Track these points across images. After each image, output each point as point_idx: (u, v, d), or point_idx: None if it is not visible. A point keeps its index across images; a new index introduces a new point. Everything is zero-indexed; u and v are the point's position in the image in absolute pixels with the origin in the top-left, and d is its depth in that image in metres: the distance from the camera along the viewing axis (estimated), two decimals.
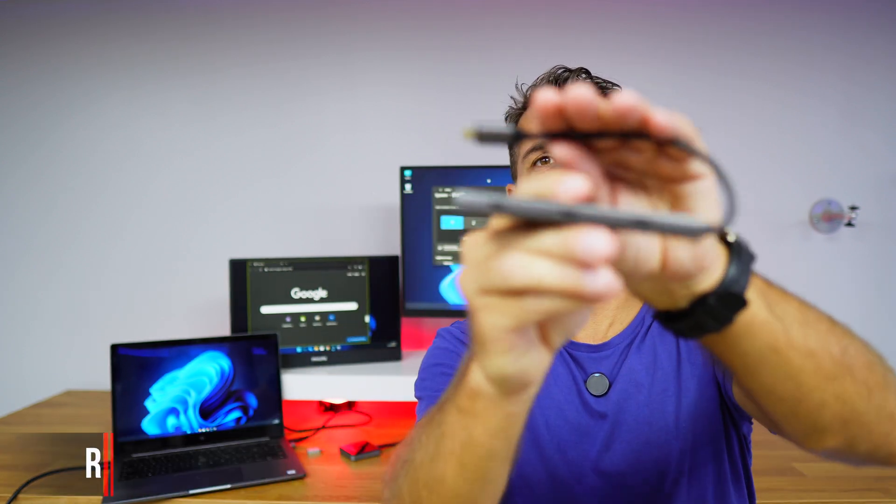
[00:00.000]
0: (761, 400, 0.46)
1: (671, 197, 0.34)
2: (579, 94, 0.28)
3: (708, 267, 0.36)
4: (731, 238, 0.37)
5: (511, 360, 0.32)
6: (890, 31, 1.63)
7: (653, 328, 0.75)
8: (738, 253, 0.37)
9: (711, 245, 0.35)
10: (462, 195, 0.27)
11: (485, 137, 0.31)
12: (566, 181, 0.28)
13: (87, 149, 1.74)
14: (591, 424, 0.72)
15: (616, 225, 0.27)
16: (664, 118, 0.29)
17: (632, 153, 0.32)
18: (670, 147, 0.31)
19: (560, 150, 0.30)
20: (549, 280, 0.27)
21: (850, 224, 1.62)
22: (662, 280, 0.36)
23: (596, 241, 0.26)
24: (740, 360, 0.42)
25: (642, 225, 0.28)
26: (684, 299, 0.38)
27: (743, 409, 0.66)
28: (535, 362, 0.33)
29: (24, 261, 1.75)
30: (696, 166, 0.32)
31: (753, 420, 0.73)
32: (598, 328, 0.77)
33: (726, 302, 0.37)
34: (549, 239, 0.27)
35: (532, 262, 0.28)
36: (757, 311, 0.39)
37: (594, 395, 0.73)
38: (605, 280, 0.27)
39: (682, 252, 0.34)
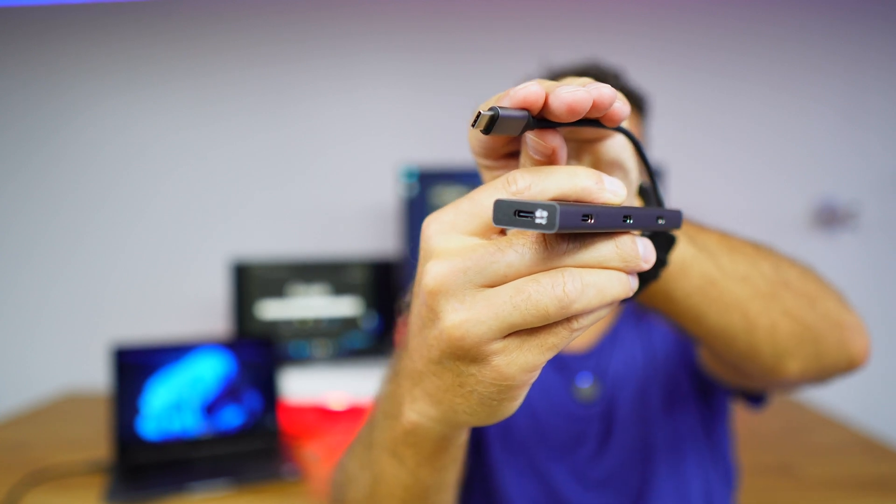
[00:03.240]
0: (718, 345, 0.46)
1: (588, 155, 0.33)
2: (606, 96, 0.25)
3: None
4: (639, 183, 0.37)
5: (522, 399, 0.28)
6: (890, 32, 1.63)
7: (625, 324, 0.76)
8: (648, 197, 0.36)
9: (628, 195, 0.35)
10: (565, 209, 0.21)
11: (499, 126, 0.25)
12: (609, 184, 0.25)
13: (87, 151, 1.74)
14: (583, 430, 0.71)
15: (646, 227, 0.26)
16: (624, 109, 0.28)
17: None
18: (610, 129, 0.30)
19: (555, 139, 0.28)
20: (614, 293, 0.24)
21: (850, 224, 1.62)
22: None
23: (649, 249, 0.25)
24: (685, 304, 0.42)
25: (658, 220, 0.27)
26: None
27: (716, 379, 0.67)
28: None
29: (23, 261, 1.75)
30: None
31: (735, 407, 0.74)
32: (583, 334, 0.76)
33: (656, 244, 0.36)
34: (605, 249, 0.24)
35: (597, 279, 0.24)
36: (684, 247, 0.40)
37: (584, 402, 0.72)
38: (637, 279, 0.26)
39: None
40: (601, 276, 0.24)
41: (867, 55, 1.64)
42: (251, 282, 1.44)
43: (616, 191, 0.25)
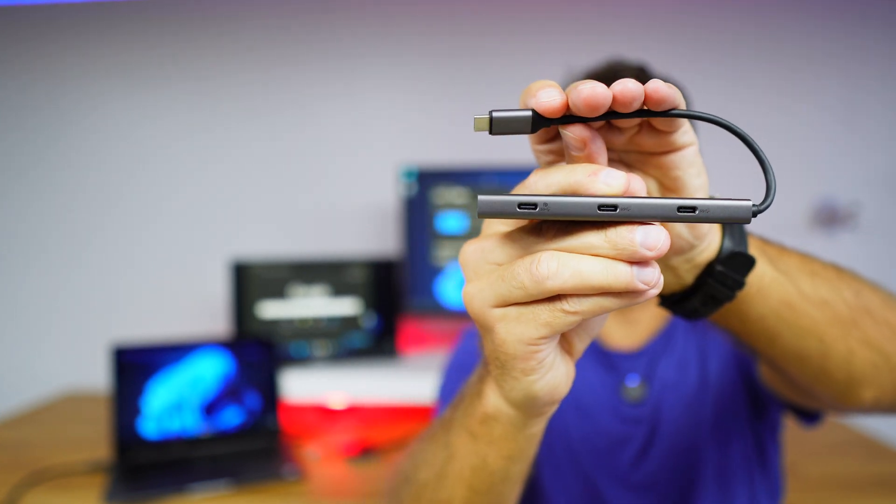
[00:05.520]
0: (790, 367, 0.45)
1: (654, 169, 0.33)
2: (629, 88, 0.26)
3: (705, 234, 0.35)
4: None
5: (539, 376, 0.30)
6: (889, 33, 1.63)
7: (679, 328, 0.74)
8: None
9: None
10: (484, 199, 0.24)
11: (498, 127, 0.27)
12: (604, 176, 0.25)
13: (88, 153, 1.74)
14: (629, 431, 0.71)
15: (654, 217, 0.25)
16: (666, 90, 0.27)
17: (614, 133, 0.31)
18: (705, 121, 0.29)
19: (579, 131, 0.28)
20: (599, 279, 0.25)
21: (850, 224, 1.62)
22: (662, 258, 0.35)
23: (653, 236, 0.24)
24: (759, 325, 0.41)
25: (687, 211, 0.25)
26: (689, 274, 0.37)
27: (775, 395, 0.65)
28: (563, 375, 0.31)
29: (24, 262, 1.75)
30: (681, 137, 0.31)
31: (784, 416, 0.72)
32: (632, 333, 0.75)
33: (734, 265, 0.36)
34: (592, 237, 0.25)
35: (577, 262, 0.25)
36: (763, 269, 0.39)
37: (631, 402, 0.71)
38: (656, 273, 0.25)
39: (678, 224, 0.34)
40: (583, 261, 0.25)
41: (866, 56, 1.64)
42: (251, 282, 1.44)
43: (609, 182, 0.25)
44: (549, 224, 0.26)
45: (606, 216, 0.25)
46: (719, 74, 1.66)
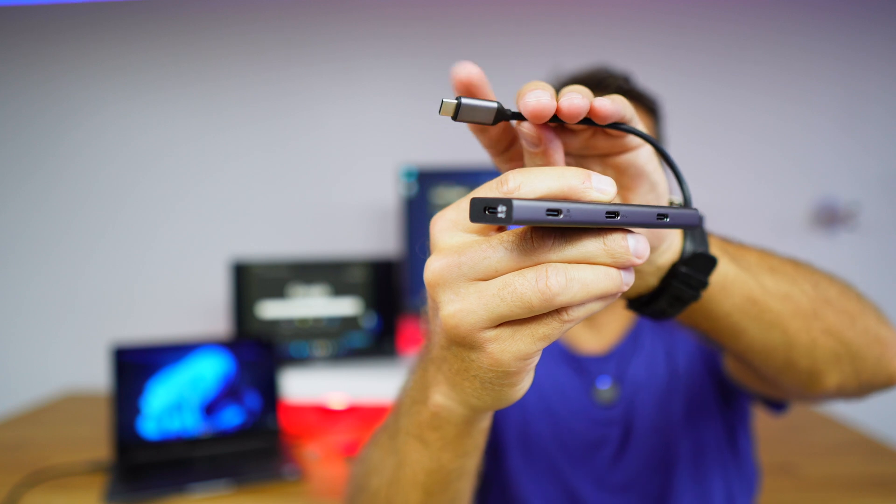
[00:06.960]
0: (756, 360, 0.46)
1: (611, 171, 0.34)
2: (574, 104, 0.27)
3: (666, 237, 0.36)
4: (676, 202, 0.38)
5: (524, 384, 0.29)
6: (888, 35, 1.63)
7: (646, 328, 0.75)
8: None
9: None
10: (521, 204, 0.22)
11: (464, 114, 0.28)
12: (596, 182, 0.25)
13: (87, 154, 1.74)
14: (603, 433, 0.71)
15: (642, 224, 0.26)
16: (609, 106, 0.29)
17: (568, 134, 0.32)
18: (615, 130, 0.32)
19: (529, 126, 0.30)
20: (602, 287, 0.25)
21: (850, 224, 1.62)
22: None
23: (641, 244, 0.25)
24: (725, 322, 0.42)
25: (661, 219, 0.27)
26: (654, 277, 0.38)
27: (742, 386, 0.67)
28: (533, 374, 0.31)
29: (24, 262, 1.75)
30: (632, 139, 0.33)
31: (754, 409, 0.73)
32: (600, 336, 0.76)
33: (697, 265, 0.37)
34: (590, 245, 0.25)
35: (581, 273, 0.24)
36: (726, 268, 0.40)
37: (604, 405, 0.72)
38: (633, 275, 0.26)
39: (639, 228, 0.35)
40: (587, 272, 0.25)
41: (866, 58, 1.64)
42: (251, 282, 1.44)
43: (604, 189, 0.25)
44: (544, 233, 0.25)
45: (610, 223, 0.25)
46: (719, 77, 1.66)
